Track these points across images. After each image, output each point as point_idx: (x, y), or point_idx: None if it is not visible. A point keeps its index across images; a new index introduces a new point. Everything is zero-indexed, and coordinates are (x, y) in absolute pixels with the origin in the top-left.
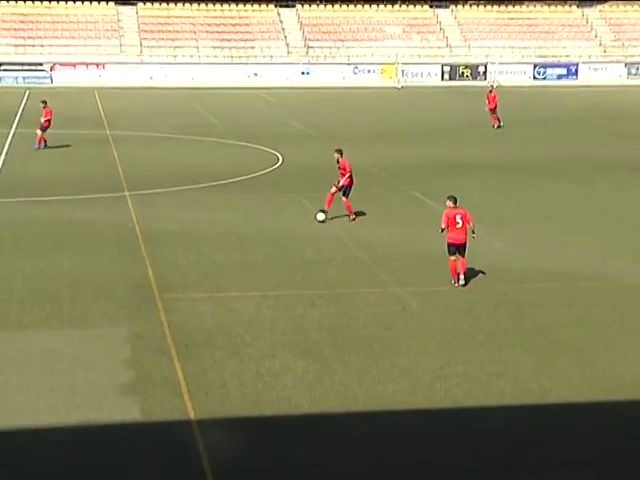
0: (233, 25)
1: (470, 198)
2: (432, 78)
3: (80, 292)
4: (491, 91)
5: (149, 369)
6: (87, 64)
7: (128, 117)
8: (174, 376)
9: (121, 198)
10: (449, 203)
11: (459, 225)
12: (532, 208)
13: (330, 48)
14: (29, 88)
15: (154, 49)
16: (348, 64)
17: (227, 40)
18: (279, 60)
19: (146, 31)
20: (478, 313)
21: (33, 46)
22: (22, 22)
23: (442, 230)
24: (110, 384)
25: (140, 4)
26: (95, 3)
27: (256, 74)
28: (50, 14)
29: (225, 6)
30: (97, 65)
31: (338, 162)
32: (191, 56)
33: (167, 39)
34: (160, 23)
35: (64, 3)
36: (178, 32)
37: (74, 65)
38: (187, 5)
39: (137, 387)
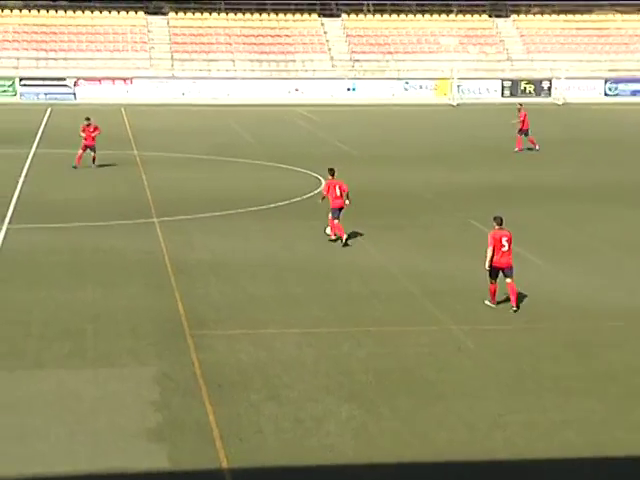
0: (272, 36)
1: (533, 227)
2: (491, 94)
3: (104, 327)
4: (519, 110)
5: (178, 412)
6: (113, 79)
7: (157, 136)
8: (205, 420)
9: (149, 224)
10: (495, 224)
11: (505, 248)
12: (603, 238)
13: (378, 62)
14: (51, 105)
15: (186, 62)
16: (398, 79)
17: (266, 53)
18: (322, 75)
19: (178, 43)
20: (541, 354)
21: (55, 59)
22: (44, 33)
23: (492, 257)
24: (136, 429)
25: (172, 14)
26: (123, 13)
27: (297, 90)
28: (74, 25)
29: (264, 16)
30: (124, 80)
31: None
32: (226, 70)
33: (201, 52)
34: (193, 34)
35: (89, 13)
36: (212, 44)
37: (99, 80)
38: (222, 15)
39: (165, 432)
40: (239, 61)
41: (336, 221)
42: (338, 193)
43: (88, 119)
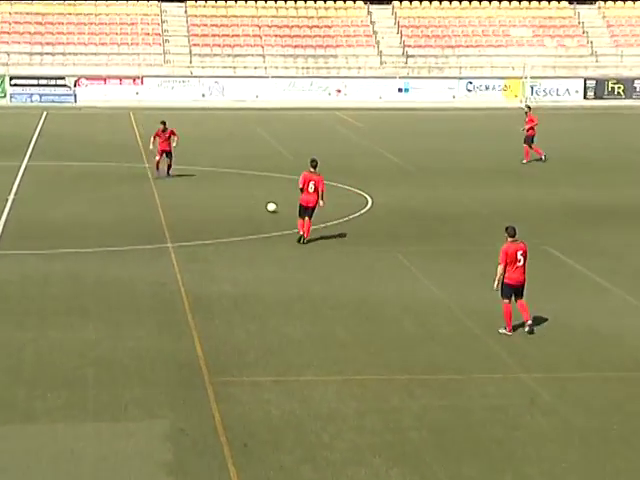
0: (310, 27)
1: (629, 257)
2: (571, 96)
3: (108, 373)
4: (527, 113)
5: (196, 476)
6: (121, 78)
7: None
8: None
9: (163, 251)
10: (507, 236)
11: (520, 263)
12: None
13: (436, 57)
14: (46, 109)
15: (207, 58)
16: (460, 78)
17: (302, 47)
18: (369, 73)
19: (197, 35)
20: (633, 410)
21: (52, 54)
22: (39, 24)
23: (502, 275)
24: None
25: (190, 1)
26: (133, 0)
27: (339, 91)
28: (75, 13)
29: (300, 3)
30: (134, 79)
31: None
32: (255, 68)
33: (224, 45)
34: (215, 25)
35: (93, 0)
36: (238, 36)
37: (104, 79)
38: (250, 2)
39: None
40: (270, 57)
41: (306, 219)
42: (311, 189)
43: (164, 123)
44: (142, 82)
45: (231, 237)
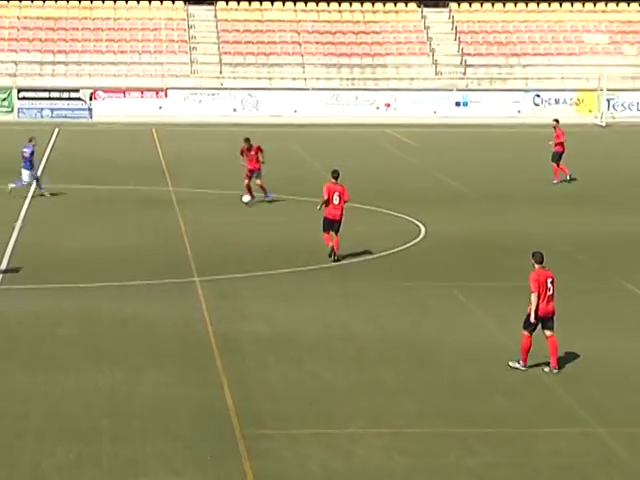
0: (356, 34)
1: None
2: None
3: (125, 424)
4: (555, 127)
5: None
6: (143, 90)
7: (200, 167)
8: None
9: (188, 285)
10: (535, 263)
11: (550, 292)
12: None
13: (499, 67)
14: (58, 125)
15: (239, 68)
16: (526, 91)
17: (346, 55)
18: (423, 85)
19: (228, 42)
20: None
21: (66, 64)
22: (51, 30)
23: (536, 307)
24: None
25: (220, 3)
26: (156, 2)
27: (388, 105)
28: (91, 18)
29: (344, 6)
30: (157, 92)
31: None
32: (293, 79)
33: (259, 54)
34: (249, 30)
35: (111, 2)
36: (275, 44)
37: (124, 92)
38: (288, 4)
39: None
40: (310, 66)
41: (332, 234)
42: (336, 201)
43: (248, 140)
44: (166, 95)
45: (265, 270)
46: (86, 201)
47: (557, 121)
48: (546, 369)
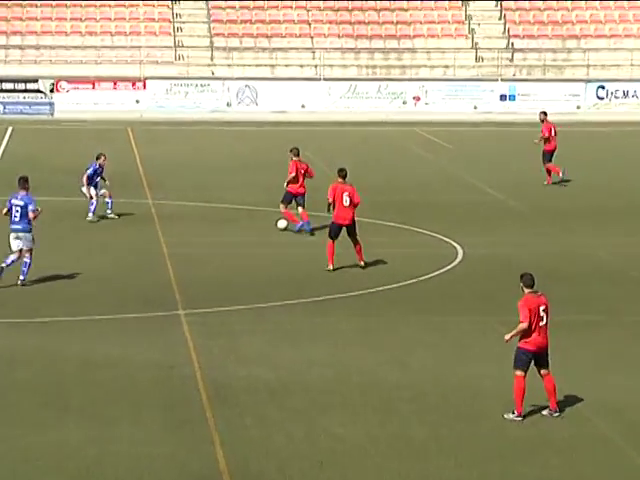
0: (377, 11)
1: None
2: None
3: None
4: (543, 121)
5: None
6: (115, 80)
7: (185, 175)
8: None
9: (172, 319)
10: (524, 287)
11: (543, 322)
12: None
13: (554, 52)
14: (12, 123)
15: (235, 53)
16: (587, 81)
17: (366, 37)
18: (460, 74)
19: (221, 21)
20: None
21: (21, 48)
22: (3, 6)
23: (527, 339)
24: None
25: None
26: None
27: (418, 99)
28: None
29: None
30: (133, 82)
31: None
32: (301, 66)
33: (258, 35)
34: (246, 8)
35: None
36: (278, 23)
37: (92, 82)
38: None
39: None
40: (322, 51)
41: (354, 244)
42: (346, 203)
43: (295, 150)
44: (144, 86)
45: (265, 301)
46: (48, 216)
47: (545, 114)
48: (544, 412)
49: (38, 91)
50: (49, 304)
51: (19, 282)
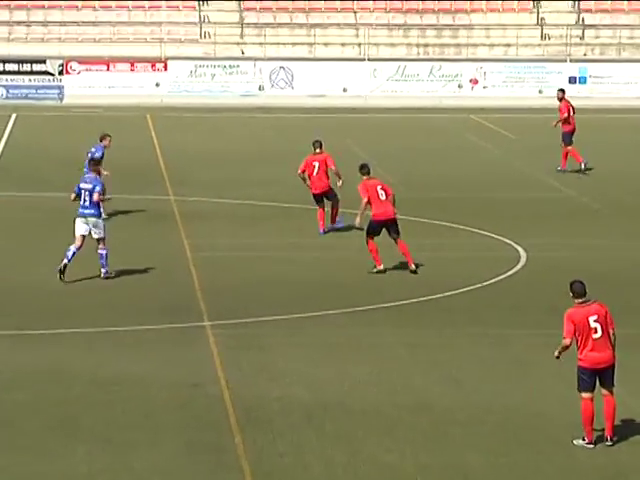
0: None
1: None
2: None
3: None
4: (561, 99)
5: None
6: (133, 61)
7: (210, 168)
8: None
9: (196, 332)
10: (573, 297)
11: (597, 334)
12: None
13: (630, 29)
14: (16, 109)
15: (268, 30)
16: None
17: (416, 11)
18: (524, 53)
19: None
20: None
21: (27, 24)
22: None
23: (567, 348)
24: None
25: None
26: None
27: (475, 82)
28: None
29: None
30: (153, 64)
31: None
32: (342, 45)
33: (294, 10)
34: None
35: None
36: None
37: (107, 63)
38: None
39: None
40: (366, 28)
41: (399, 244)
42: (383, 197)
43: (319, 144)
44: (166, 67)
45: (300, 312)
46: (55, 215)
47: (563, 91)
48: (608, 443)
49: (46, 73)
50: (55, 313)
51: (103, 276)
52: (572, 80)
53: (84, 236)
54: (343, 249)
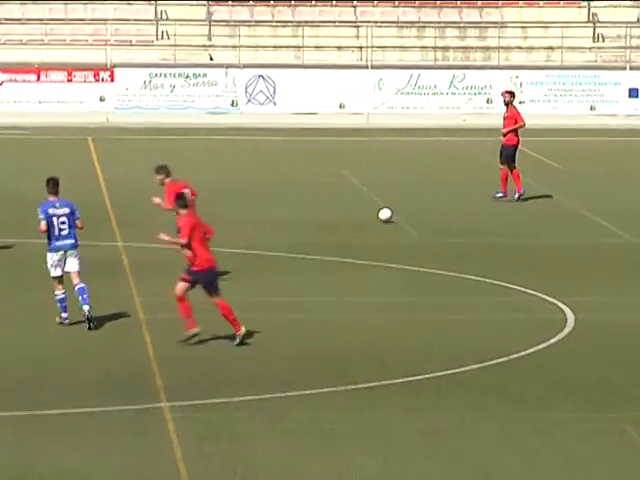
0: None
1: None
2: None
3: None
4: (509, 104)
5: None
6: (70, 69)
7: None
8: None
9: (150, 416)
10: None
11: None
12: None
13: None
14: None
15: (243, 29)
16: None
17: (432, 6)
18: (571, 59)
19: None
20: None
21: None
22: None
23: None
24: None
25: None
26: None
27: (511, 94)
28: None
29: None
30: (96, 73)
31: None
32: (339, 48)
33: (277, 3)
34: None
35: None
36: None
37: (37, 72)
38: None
39: None
40: (369, 26)
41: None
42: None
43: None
44: (112, 77)
45: (284, 389)
46: None
47: (511, 94)
48: None
49: None
50: None
51: (86, 314)
52: (633, 93)
53: (62, 276)
54: (335, 310)
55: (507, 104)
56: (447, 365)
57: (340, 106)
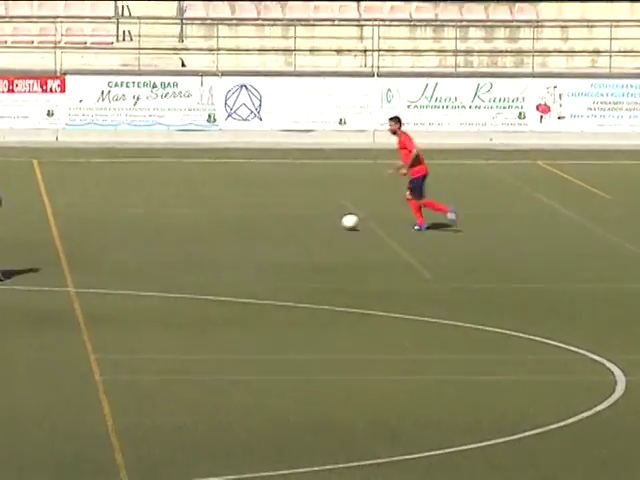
0: None
1: None
2: None
3: None
4: (395, 132)
5: None
6: (11, 77)
7: (130, 243)
8: None
9: None
10: None
11: None
12: None
13: None
14: None
15: (222, 29)
16: None
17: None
18: (620, 65)
19: None
20: None
21: None
22: None
23: None
24: None
25: None
26: None
27: (546, 109)
28: None
29: None
30: (44, 81)
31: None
32: (338, 52)
33: None
34: None
35: None
36: None
37: None
38: None
39: None
40: (375, 25)
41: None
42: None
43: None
44: (63, 87)
45: (271, 468)
46: None
47: (398, 121)
48: None
49: None
50: None
51: None
52: None
53: None
54: (330, 370)
55: (394, 133)
56: (469, 438)
57: (340, 122)
